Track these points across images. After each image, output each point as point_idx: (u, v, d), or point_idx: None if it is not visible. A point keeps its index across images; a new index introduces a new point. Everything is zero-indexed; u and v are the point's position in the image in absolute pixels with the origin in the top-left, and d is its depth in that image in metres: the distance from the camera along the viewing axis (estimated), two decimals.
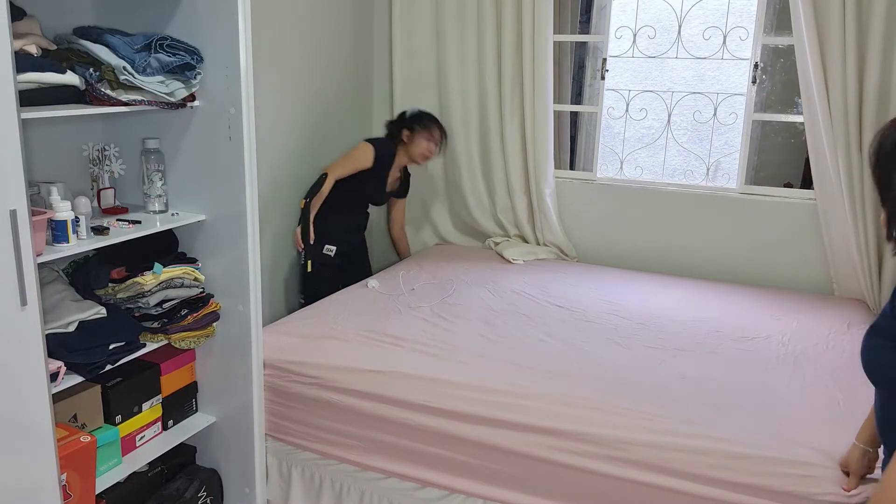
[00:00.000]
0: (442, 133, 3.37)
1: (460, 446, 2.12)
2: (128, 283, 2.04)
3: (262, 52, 2.86)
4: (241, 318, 2.24)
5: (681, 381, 2.24)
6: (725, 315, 2.85)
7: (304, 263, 3.17)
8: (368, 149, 3.23)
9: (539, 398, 2.11)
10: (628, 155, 3.77)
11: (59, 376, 1.76)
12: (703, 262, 3.50)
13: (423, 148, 3.31)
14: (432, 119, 3.37)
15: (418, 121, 3.33)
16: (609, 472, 1.95)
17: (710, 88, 3.60)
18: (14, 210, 1.52)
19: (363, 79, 3.87)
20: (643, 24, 3.59)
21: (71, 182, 2.11)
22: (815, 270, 3.31)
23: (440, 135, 3.35)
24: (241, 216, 2.14)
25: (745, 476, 1.83)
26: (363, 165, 3.22)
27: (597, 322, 2.75)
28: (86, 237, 1.88)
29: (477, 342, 2.52)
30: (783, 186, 3.54)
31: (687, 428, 1.96)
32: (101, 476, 2.01)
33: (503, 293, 3.05)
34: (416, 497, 2.22)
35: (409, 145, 3.32)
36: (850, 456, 1.74)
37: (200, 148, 2.15)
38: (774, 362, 2.40)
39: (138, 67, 1.91)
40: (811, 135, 3.10)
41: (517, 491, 2.08)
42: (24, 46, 1.76)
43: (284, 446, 2.42)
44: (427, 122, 3.34)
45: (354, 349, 2.43)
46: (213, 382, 2.36)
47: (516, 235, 3.82)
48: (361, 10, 3.77)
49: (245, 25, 2.02)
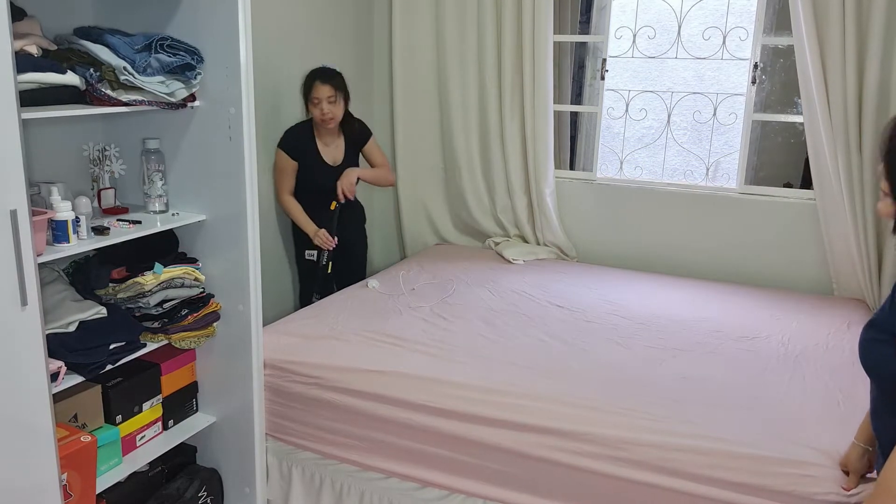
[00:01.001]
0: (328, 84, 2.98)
1: (460, 446, 2.12)
2: (128, 283, 2.04)
3: (262, 52, 2.86)
4: (241, 318, 2.24)
5: (681, 380, 2.24)
6: (725, 315, 2.85)
7: (326, 264, 3.17)
8: (279, 152, 3.12)
9: (539, 398, 2.11)
10: (628, 155, 3.78)
11: (59, 376, 1.76)
12: (703, 262, 3.50)
13: (315, 115, 3.05)
14: (311, 77, 3.03)
15: (303, 89, 3.07)
16: (609, 472, 1.96)
17: (709, 88, 3.60)
18: (14, 210, 1.52)
19: (363, 79, 3.87)
20: (643, 25, 3.59)
21: (71, 182, 2.11)
22: (814, 270, 3.31)
23: (324, 90, 2.98)
24: (241, 216, 2.14)
25: (745, 476, 1.83)
26: (290, 167, 3.11)
27: (597, 322, 2.75)
28: (86, 237, 1.88)
29: (477, 342, 2.52)
30: (783, 186, 3.54)
31: (687, 428, 1.96)
32: (102, 476, 2.01)
33: (503, 293, 3.06)
34: (417, 497, 2.22)
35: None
36: (849, 455, 1.74)
37: (200, 148, 2.15)
38: (774, 362, 2.40)
39: (139, 67, 1.91)
40: (811, 135, 3.10)
41: (517, 491, 2.08)
42: (24, 46, 1.76)
43: (284, 446, 2.42)
44: (307, 85, 3.04)
45: (354, 349, 2.43)
46: (213, 382, 2.36)
47: (516, 235, 3.82)
48: (361, 10, 3.77)
49: (245, 25, 2.02)
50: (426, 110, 3.83)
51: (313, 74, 3.04)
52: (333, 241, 3.14)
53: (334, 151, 3.19)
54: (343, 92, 3.05)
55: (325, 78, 3.00)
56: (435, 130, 3.86)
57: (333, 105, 3.02)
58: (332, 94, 3.00)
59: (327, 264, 3.18)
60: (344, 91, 3.06)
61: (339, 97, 3.03)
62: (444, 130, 3.82)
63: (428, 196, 3.97)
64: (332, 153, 3.19)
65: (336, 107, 3.03)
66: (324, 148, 3.16)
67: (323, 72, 3.03)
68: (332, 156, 3.18)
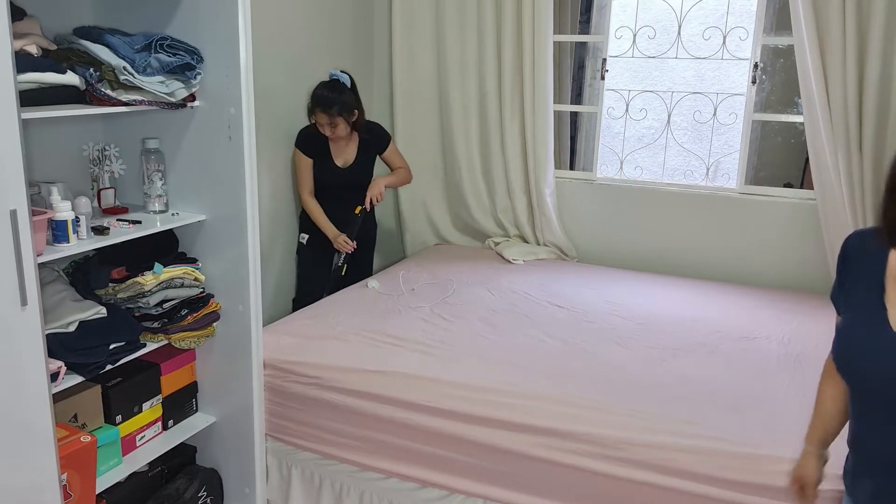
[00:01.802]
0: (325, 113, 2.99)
1: (460, 446, 2.12)
2: (128, 283, 2.04)
3: (262, 52, 2.86)
4: (241, 318, 2.24)
5: (681, 381, 2.24)
6: (725, 315, 2.85)
7: (341, 266, 3.19)
8: (296, 150, 3.17)
9: (539, 398, 2.11)
10: (628, 155, 3.78)
11: (59, 376, 1.76)
12: (703, 262, 3.50)
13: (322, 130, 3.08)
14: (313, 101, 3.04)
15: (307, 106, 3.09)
16: (609, 472, 1.96)
17: (709, 88, 3.60)
18: (14, 210, 1.52)
19: (363, 78, 3.86)
20: (643, 25, 3.59)
21: (71, 182, 2.11)
22: (815, 270, 3.31)
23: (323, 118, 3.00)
24: (241, 216, 2.14)
25: (745, 475, 1.83)
26: (307, 164, 3.17)
27: (597, 322, 2.75)
28: (86, 237, 1.88)
29: (477, 342, 2.52)
30: (783, 186, 3.54)
31: (687, 428, 1.96)
32: (102, 476, 2.01)
33: (503, 293, 3.05)
34: (417, 497, 2.22)
35: None
36: (805, 465, 1.54)
37: (200, 148, 2.15)
38: (774, 362, 2.40)
39: (138, 67, 1.91)
40: (811, 135, 3.10)
41: (517, 491, 2.08)
42: (24, 46, 1.76)
43: (284, 446, 2.42)
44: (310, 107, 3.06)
45: (354, 349, 2.43)
46: (213, 382, 2.36)
47: (516, 235, 3.82)
48: (361, 11, 3.77)
49: (245, 25, 2.02)
50: (426, 110, 3.83)
51: (315, 98, 3.04)
52: (353, 245, 3.15)
53: (345, 153, 3.21)
54: (345, 113, 3.03)
55: (324, 106, 3.00)
56: (435, 130, 3.86)
57: (336, 127, 3.04)
58: (332, 120, 3.01)
59: (342, 266, 3.19)
60: (347, 112, 3.03)
61: (340, 120, 3.03)
62: (444, 130, 3.82)
63: (428, 196, 3.96)
64: (344, 155, 3.21)
65: (339, 128, 3.05)
66: (335, 149, 3.18)
67: (322, 99, 3.01)
68: (343, 158, 3.21)
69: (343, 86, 3.05)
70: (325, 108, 3.00)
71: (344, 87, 3.05)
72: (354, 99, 3.08)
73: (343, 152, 3.20)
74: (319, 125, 3.06)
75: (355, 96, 3.09)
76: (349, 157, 3.22)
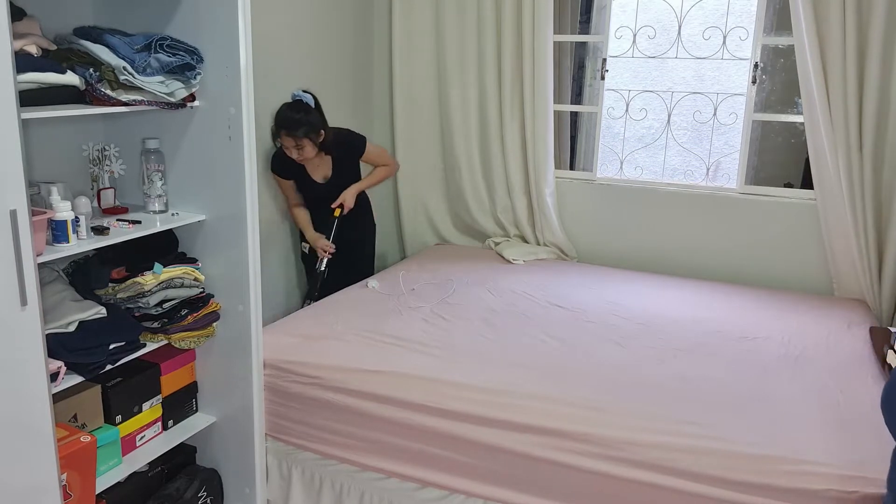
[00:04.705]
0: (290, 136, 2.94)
1: (460, 446, 2.12)
2: (128, 283, 2.04)
3: (262, 52, 2.86)
4: (241, 318, 2.24)
5: (681, 381, 2.24)
6: (725, 315, 2.85)
7: (323, 270, 3.19)
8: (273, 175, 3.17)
9: (539, 398, 2.11)
10: (628, 155, 3.77)
11: (59, 376, 1.76)
12: (703, 262, 3.50)
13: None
14: (277, 123, 3.01)
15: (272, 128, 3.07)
16: (609, 472, 1.95)
17: (710, 88, 3.60)
18: (14, 210, 1.52)
19: (363, 79, 3.87)
20: (643, 24, 3.59)
21: (71, 182, 2.11)
22: (815, 270, 3.31)
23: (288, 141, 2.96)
24: (241, 216, 2.14)
25: (746, 475, 1.82)
26: (287, 184, 3.19)
27: (597, 322, 2.75)
28: (86, 237, 1.88)
29: (477, 342, 2.52)
30: (783, 186, 3.54)
31: (687, 428, 1.96)
32: (102, 476, 2.01)
33: (503, 293, 3.05)
34: (417, 497, 2.22)
35: None
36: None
37: (200, 148, 2.15)
38: (774, 362, 2.40)
39: (138, 67, 1.91)
40: (811, 135, 3.10)
41: (517, 491, 2.08)
42: (24, 46, 1.76)
43: (284, 446, 2.42)
44: (274, 130, 3.05)
45: (354, 349, 2.43)
46: (213, 382, 2.36)
47: (516, 235, 3.82)
48: (361, 10, 3.77)
49: (245, 25, 2.02)
50: (426, 110, 3.83)
51: (279, 120, 2.99)
52: (331, 247, 3.16)
53: (322, 168, 3.19)
54: (312, 135, 2.97)
55: (289, 128, 2.94)
56: (435, 130, 3.86)
57: (302, 150, 2.98)
58: (298, 143, 2.96)
59: (325, 270, 3.19)
60: (314, 132, 2.97)
61: (306, 142, 2.97)
62: (444, 130, 3.82)
63: (428, 196, 3.96)
64: (321, 170, 3.19)
65: (306, 150, 2.99)
66: (310, 166, 3.15)
67: (287, 120, 2.95)
68: (320, 173, 3.19)
69: (308, 106, 2.99)
70: (290, 130, 2.94)
71: (308, 107, 2.99)
72: (320, 119, 3.01)
73: (318, 168, 3.18)
74: (286, 148, 3.00)
75: (320, 116, 3.03)
76: (327, 172, 3.20)
